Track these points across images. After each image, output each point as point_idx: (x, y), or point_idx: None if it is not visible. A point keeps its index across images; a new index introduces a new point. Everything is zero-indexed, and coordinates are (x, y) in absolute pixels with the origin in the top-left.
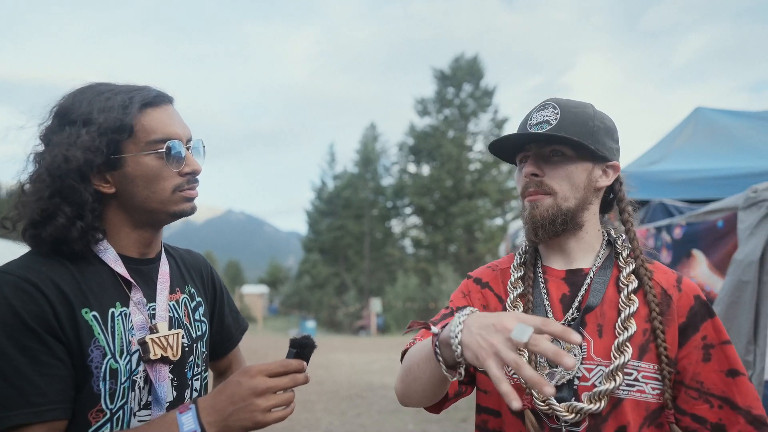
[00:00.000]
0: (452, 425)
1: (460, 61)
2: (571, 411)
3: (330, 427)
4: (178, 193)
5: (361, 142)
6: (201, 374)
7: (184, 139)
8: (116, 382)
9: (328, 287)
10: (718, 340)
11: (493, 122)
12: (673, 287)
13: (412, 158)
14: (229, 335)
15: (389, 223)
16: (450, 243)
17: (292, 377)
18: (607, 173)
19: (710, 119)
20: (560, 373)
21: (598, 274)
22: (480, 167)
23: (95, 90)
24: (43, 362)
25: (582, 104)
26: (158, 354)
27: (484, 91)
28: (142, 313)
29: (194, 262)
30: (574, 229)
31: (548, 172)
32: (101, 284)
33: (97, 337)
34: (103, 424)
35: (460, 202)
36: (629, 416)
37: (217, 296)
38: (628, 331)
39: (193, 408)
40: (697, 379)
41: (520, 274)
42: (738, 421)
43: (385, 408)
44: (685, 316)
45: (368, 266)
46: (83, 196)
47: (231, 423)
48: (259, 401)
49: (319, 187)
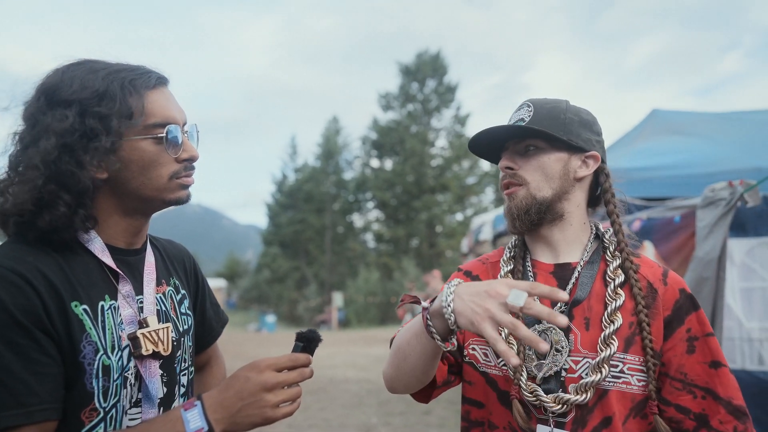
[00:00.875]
0: (415, 418)
1: (423, 56)
2: (557, 402)
3: (293, 421)
4: (175, 180)
5: (324, 135)
6: (188, 369)
7: (181, 123)
8: (109, 379)
9: (288, 281)
10: (702, 333)
11: (455, 118)
12: (659, 281)
13: (374, 152)
14: (210, 329)
15: (351, 217)
16: (412, 237)
17: (299, 372)
18: (586, 163)
19: (666, 120)
20: (548, 364)
21: (585, 268)
22: (442, 163)
23: (87, 67)
24: (33, 360)
25: (555, 100)
26: (150, 349)
27: (447, 87)
28: (131, 306)
29: (177, 253)
30: (554, 219)
31: (522, 164)
32: (89, 276)
33: (89, 332)
34: (96, 424)
35: (422, 197)
36: (615, 407)
37: (200, 289)
38: (614, 324)
39: (198, 404)
40: (681, 371)
41: (510, 267)
42: (719, 411)
43: (348, 402)
44: (671, 310)
45: (329, 260)
46: (83, 182)
47: (239, 419)
48: (268, 396)
49: (279, 179)
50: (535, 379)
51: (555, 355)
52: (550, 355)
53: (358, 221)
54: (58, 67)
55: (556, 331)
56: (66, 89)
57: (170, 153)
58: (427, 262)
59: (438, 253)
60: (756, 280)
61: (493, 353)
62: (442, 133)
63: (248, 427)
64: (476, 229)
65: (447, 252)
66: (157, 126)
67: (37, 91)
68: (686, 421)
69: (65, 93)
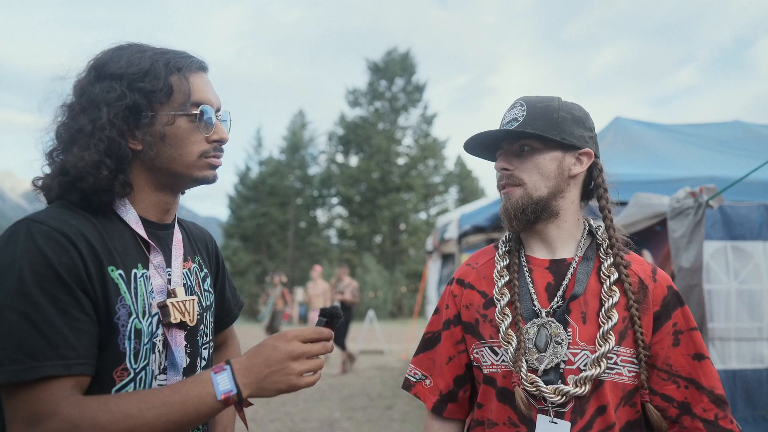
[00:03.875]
0: (378, 412)
1: (393, 54)
2: (557, 393)
3: (255, 415)
4: (204, 159)
5: (289, 128)
6: (209, 344)
7: (215, 107)
8: (140, 342)
9: (249, 275)
10: (687, 327)
11: (422, 117)
12: (649, 278)
13: (340, 148)
14: (229, 310)
15: (314, 213)
16: (375, 234)
17: (323, 344)
18: (580, 160)
19: (628, 128)
20: (549, 357)
21: (581, 265)
22: (408, 161)
23: (135, 48)
24: (73, 316)
25: (548, 98)
26: (178, 318)
27: (416, 86)
28: (162, 276)
29: (200, 234)
30: (550, 216)
31: (518, 165)
32: (124, 244)
33: (124, 296)
34: (126, 384)
35: (387, 195)
36: (608, 397)
37: (220, 270)
38: (611, 321)
39: (228, 368)
40: (667, 363)
41: (506, 263)
42: (702, 399)
43: (310, 396)
44: (659, 305)
45: (292, 255)
46: (124, 150)
47: (266, 385)
48: (294, 365)
49: (243, 171)
50: (536, 371)
51: (555, 347)
52: (551, 348)
53: (322, 217)
54: (109, 47)
55: (555, 325)
56: (114, 65)
57: (202, 132)
58: (390, 259)
59: (400, 250)
60: (716, 282)
61: (489, 352)
62: (409, 131)
63: (273, 393)
64: (441, 228)
65: (410, 250)
66: (192, 104)
67: (88, 67)
68: (670, 409)
69: (113, 68)
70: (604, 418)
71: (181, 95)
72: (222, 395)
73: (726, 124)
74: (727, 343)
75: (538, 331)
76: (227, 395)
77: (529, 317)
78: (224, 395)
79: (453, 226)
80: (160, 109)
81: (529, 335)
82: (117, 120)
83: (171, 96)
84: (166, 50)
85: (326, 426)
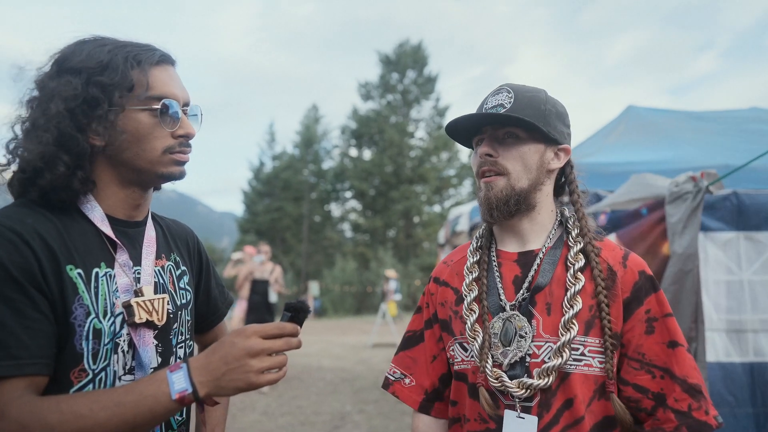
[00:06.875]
0: (389, 406)
1: (404, 46)
2: (522, 387)
3: (267, 409)
4: (169, 155)
5: (303, 123)
6: (185, 342)
7: (181, 101)
8: (99, 343)
9: None
10: (661, 313)
11: (435, 110)
12: (619, 264)
13: (353, 142)
14: (216, 308)
15: (328, 207)
16: (389, 228)
17: (286, 340)
18: (558, 156)
19: (641, 116)
20: (512, 351)
21: (548, 255)
22: (421, 154)
23: (97, 42)
24: (26, 315)
25: (535, 89)
26: (143, 318)
27: (428, 78)
28: (128, 275)
29: (181, 231)
30: (528, 210)
31: (502, 152)
32: (86, 243)
33: (81, 295)
34: (85, 385)
35: (400, 188)
36: (577, 390)
37: (204, 268)
38: (574, 309)
39: (184, 367)
40: (639, 351)
41: (476, 258)
42: (675, 389)
43: (322, 390)
44: (630, 291)
45: (306, 249)
46: (81, 145)
47: (223, 383)
48: (253, 362)
49: (257, 167)
50: (501, 366)
51: (519, 341)
52: (515, 342)
53: (336, 211)
54: (73, 41)
55: (520, 318)
56: (74, 59)
57: (166, 127)
58: (404, 253)
59: (415, 243)
60: (722, 272)
61: (459, 348)
62: (422, 124)
63: (232, 392)
64: (453, 220)
65: (424, 243)
66: (154, 99)
67: (51, 61)
68: (644, 401)
69: (73, 62)
70: (572, 412)
71: (142, 89)
72: (177, 394)
73: (743, 111)
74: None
75: (503, 326)
76: (182, 394)
77: (496, 312)
78: (179, 394)
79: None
80: (120, 104)
81: (495, 330)
82: (75, 114)
83: (132, 90)
84: (127, 43)
85: (338, 419)
